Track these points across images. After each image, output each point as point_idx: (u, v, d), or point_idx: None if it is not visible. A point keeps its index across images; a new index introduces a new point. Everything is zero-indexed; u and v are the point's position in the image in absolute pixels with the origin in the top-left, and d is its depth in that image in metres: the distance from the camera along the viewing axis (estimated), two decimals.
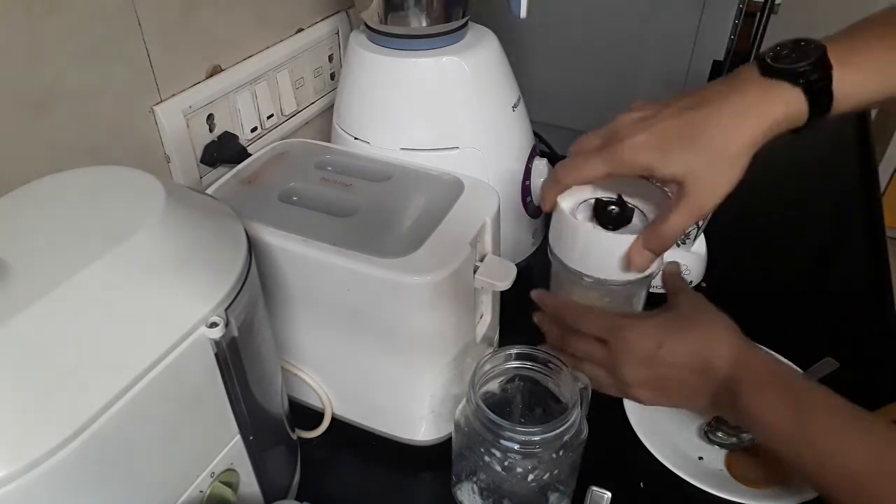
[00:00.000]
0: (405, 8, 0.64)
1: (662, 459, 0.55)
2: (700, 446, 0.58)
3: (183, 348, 0.37)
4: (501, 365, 0.52)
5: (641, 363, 0.50)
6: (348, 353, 0.56)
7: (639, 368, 0.50)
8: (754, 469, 0.56)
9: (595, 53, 0.87)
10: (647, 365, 0.50)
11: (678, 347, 0.50)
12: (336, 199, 0.56)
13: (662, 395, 0.52)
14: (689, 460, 0.57)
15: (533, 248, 0.76)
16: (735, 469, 0.56)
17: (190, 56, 0.66)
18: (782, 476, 0.54)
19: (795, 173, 0.97)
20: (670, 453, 0.56)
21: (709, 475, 0.55)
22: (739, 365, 0.48)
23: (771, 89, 0.45)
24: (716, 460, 0.57)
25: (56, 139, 0.55)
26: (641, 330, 0.51)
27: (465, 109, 0.66)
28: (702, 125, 0.46)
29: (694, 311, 0.52)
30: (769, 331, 0.65)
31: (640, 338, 0.50)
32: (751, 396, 0.47)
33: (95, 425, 0.33)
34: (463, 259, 0.51)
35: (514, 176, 0.71)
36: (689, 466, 0.55)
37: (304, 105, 0.82)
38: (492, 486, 0.51)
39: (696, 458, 0.57)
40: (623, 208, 0.51)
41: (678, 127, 0.46)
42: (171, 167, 0.66)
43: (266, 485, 0.48)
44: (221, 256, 0.42)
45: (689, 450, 0.58)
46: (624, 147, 0.47)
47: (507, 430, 0.46)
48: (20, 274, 0.35)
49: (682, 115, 0.46)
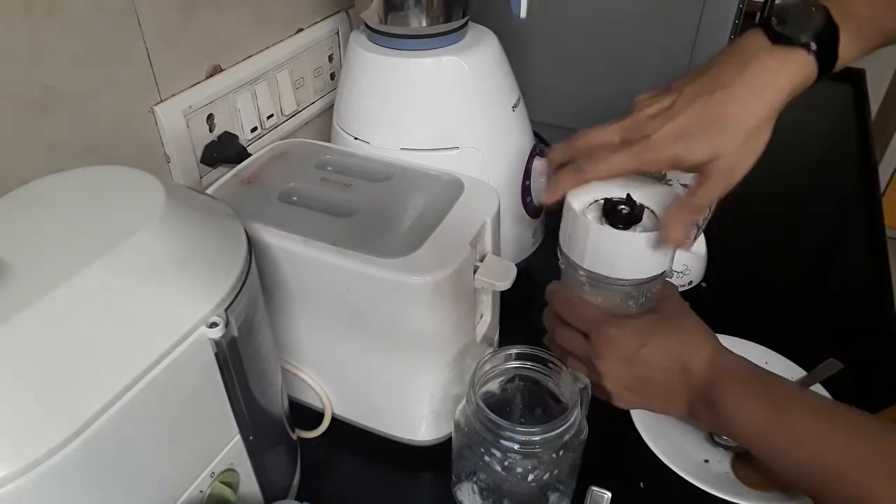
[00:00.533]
0: (405, 8, 0.64)
1: (668, 462, 0.55)
2: (706, 449, 0.58)
3: (183, 348, 0.37)
4: (501, 365, 0.52)
5: (622, 361, 0.50)
6: (348, 352, 0.56)
7: (618, 366, 0.50)
8: (761, 472, 0.55)
9: (595, 54, 0.87)
10: (627, 363, 0.50)
11: (659, 348, 0.50)
12: (336, 199, 0.56)
13: (640, 396, 0.52)
14: (695, 463, 0.56)
15: (533, 248, 0.76)
16: (741, 472, 0.56)
17: (190, 56, 0.66)
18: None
19: (795, 173, 0.97)
20: (676, 456, 0.56)
21: (715, 478, 0.55)
22: (715, 366, 0.49)
23: (785, 59, 0.45)
24: (722, 463, 0.57)
25: (56, 139, 0.55)
26: (624, 328, 0.51)
27: (465, 109, 0.66)
28: (722, 108, 0.46)
29: (677, 316, 0.52)
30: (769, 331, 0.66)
31: (622, 335, 0.50)
32: (727, 396, 0.48)
33: (95, 425, 0.33)
34: (463, 259, 0.51)
35: (514, 176, 0.71)
36: (694, 469, 0.55)
37: (304, 105, 0.82)
38: (492, 486, 0.51)
39: (702, 461, 0.57)
40: (633, 207, 0.51)
41: (699, 113, 0.46)
42: (171, 167, 0.66)
43: (266, 485, 0.48)
44: (221, 256, 0.42)
45: (695, 453, 0.57)
46: (651, 143, 0.47)
47: (507, 430, 0.46)
48: (20, 274, 0.35)
49: (700, 100, 0.46)
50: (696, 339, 0.51)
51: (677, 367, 0.50)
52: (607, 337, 0.50)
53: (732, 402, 0.47)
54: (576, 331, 0.53)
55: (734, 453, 0.57)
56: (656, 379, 0.50)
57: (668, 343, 0.50)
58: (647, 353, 0.50)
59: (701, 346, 0.50)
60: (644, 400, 0.52)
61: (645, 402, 0.52)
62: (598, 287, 0.52)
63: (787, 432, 0.46)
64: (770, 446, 0.47)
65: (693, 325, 0.52)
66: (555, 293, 0.55)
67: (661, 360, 0.50)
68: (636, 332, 0.50)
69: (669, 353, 0.50)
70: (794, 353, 0.64)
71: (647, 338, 0.50)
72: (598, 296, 0.53)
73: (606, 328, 0.51)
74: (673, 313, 0.52)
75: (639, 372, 0.50)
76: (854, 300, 0.75)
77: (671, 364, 0.50)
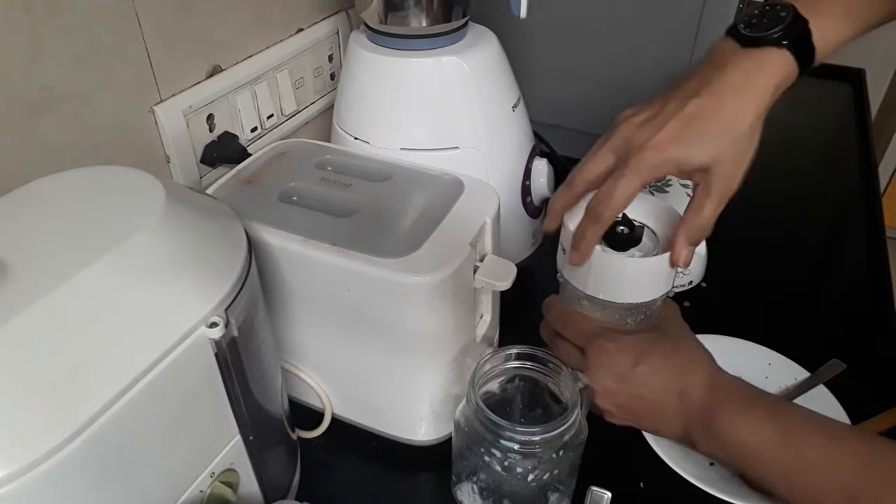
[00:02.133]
0: (405, 8, 0.64)
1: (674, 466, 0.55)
2: None
3: (183, 348, 0.37)
4: (501, 365, 0.52)
5: (615, 378, 0.49)
6: (348, 353, 0.56)
7: (611, 382, 0.49)
8: None
9: (595, 54, 0.87)
10: (621, 380, 0.49)
11: (655, 368, 0.49)
12: (336, 199, 0.56)
13: (632, 415, 0.51)
14: (701, 466, 0.56)
15: (533, 248, 0.76)
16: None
17: (190, 56, 0.66)
18: None
19: (795, 173, 0.97)
20: (681, 459, 0.56)
21: (721, 481, 0.54)
22: (714, 388, 0.48)
23: (760, 59, 0.46)
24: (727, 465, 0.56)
25: (56, 139, 0.55)
26: (620, 343, 0.50)
27: (465, 109, 0.66)
28: (710, 110, 0.45)
29: (676, 337, 0.51)
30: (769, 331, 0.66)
31: (617, 351, 0.49)
32: (728, 418, 0.46)
33: (95, 425, 0.33)
34: (463, 259, 0.51)
35: (514, 176, 0.71)
36: (701, 473, 0.54)
37: (304, 105, 0.82)
38: (492, 486, 0.51)
39: (708, 464, 0.57)
40: (633, 228, 0.49)
41: (689, 117, 0.45)
42: (171, 167, 0.66)
43: (266, 485, 0.48)
44: (221, 256, 0.42)
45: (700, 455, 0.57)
46: (647, 152, 0.45)
47: (507, 430, 0.46)
48: (20, 274, 0.35)
49: (688, 104, 0.45)
50: (695, 362, 0.49)
51: (674, 390, 0.48)
52: (602, 350, 0.50)
53: (734, 425, 0.46)
54: (572, 344, 0.52)
55: None
56: (650, 398, 0.49)
57: (666, 364, 0.49)
58: (643, 371, 0.49)
59: (699, 369, 0.49)
60: (636, 419, 0.51)
61: (636, 420, 0.51)
62: (597, 303, 0.51)
63: (796, 456, 0.44)
64: (776, 471, 0.45)
65: (692, 347, 0.51)
66: (551, 306, 0.55)
67: (657, 380, 0.49)
68: (632, 350, 0.49)
69: (666, 374, 0.49)
70: (796, 353, 0.64)
71: (643, 356, 0.49)
72: (595, 311, 0.52)
73: (602, 342, 0.50)
74: (672, 333, 0.52)
75: (632, 391, 0.49)
76: (854, 300, 0.76)
77: (667, 386, 0.49)
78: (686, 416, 0.48)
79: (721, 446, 0.47)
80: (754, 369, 0.65)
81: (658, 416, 0.50)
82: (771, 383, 0.64)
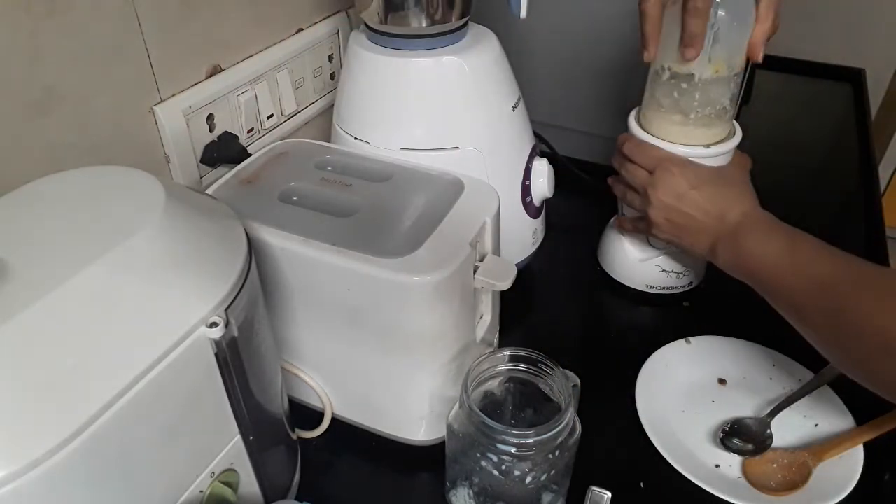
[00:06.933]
0: (405, 8, 0.64)
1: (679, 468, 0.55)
2: (716, 454, 0.58)
3: (183, 348, 0.37)
4: (493, 368, 0.51)
5: (673, 196, 0.60)
6: (348, 353, 0.56)
7: (669, 199, 0.60)
8: (772, 476, 0.55)
9: (595, 54, 0.87)
10: (677, 199, 0.60)
11: (707, 194, 0.59)
12: (336, 199, 0.56)
13: (676, 229, 0.61)
14: (706, 468, 0.56)
15: (533, 248, 0.76)
16: (753, 477, 0.55)
17: (190, 56, 0.66)
18: (801, 483, 0.54)
19: (795, 173, 0.97)
20: (686, 461, 0.56)
21: (727, 483, 0.54)
22: (747, 216, 0.58)
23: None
24: (733, 468, 0.57)
25: (56, 139, 0.55)
26: (683, 169, 0.60)
27: (465, 109, 0.66)
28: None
29: (733, 177, 0.61)
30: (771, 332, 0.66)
31: (680, 174, 0.60)
32: (749, 234, 0.57)
33: (95, 425, 0.33)
34: (463, 259, 0.51)
35: (514, 176, 0.71)
36: (706, 474, 0.55)
37: (304, 105, 0.82)
38: (488, 489, 0.51)
39: (713, 466, 0.57)
40: None
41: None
42: (171, 167, 0.66)
43: (266, 485, 0.48)
44: (221, 256, 0.42)
45: (706, 457, 0.57)
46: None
47: (501, 433, 0.46)
48: (20, 274, 0.35)
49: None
50: (741, 196, 0.60)
51: (716, 213, 0.59)
52: (669, 172, 0.60)
53: (754, 239, 0.56)
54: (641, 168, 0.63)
55: (745, 458, 0.57)
56: (696, 218, 0.59)
57: (716, 193, 0.59)
58: (696, 195, 0.59)
59: (742, 203, 0.59)
60: (678, 233, 0.62)
61: (678, 235, 0.62)
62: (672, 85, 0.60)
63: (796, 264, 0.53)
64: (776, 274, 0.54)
65: (742, 188, 0.61)
66: (627, 136, 0.65)
67: (706, 204, 0.59)
68: (693, 175, 0.60)
69: (715, 201, 0.59)
70: (794, 352, 0.64)
71: (700, 183, 0.59)
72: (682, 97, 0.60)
73: (669, 164, 0.60)
74: (732, 173, 0.62)
75: (683, 209, 0.60)
76: None
77: (712, 209, 0.59)
78: (718, 234, 0.59)
79: (737, 257, 0.57)
80: (759, 370, 0.65)
81: (697, 233, 0.60)
82: (775, 384, 0.64)
